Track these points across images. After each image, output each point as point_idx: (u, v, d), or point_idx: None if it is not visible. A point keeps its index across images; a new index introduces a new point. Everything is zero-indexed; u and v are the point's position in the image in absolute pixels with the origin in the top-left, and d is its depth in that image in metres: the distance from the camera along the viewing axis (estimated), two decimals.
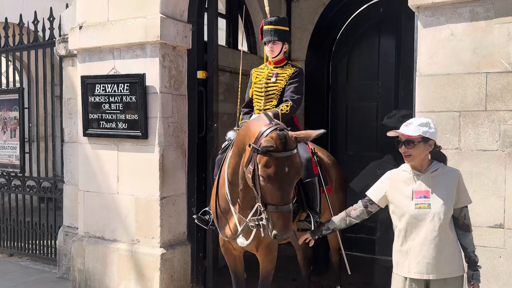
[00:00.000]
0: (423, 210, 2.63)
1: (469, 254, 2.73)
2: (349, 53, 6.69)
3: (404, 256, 2.70)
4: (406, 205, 2.68)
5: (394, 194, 2.76)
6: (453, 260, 2.66)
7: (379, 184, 2.88)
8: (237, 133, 3.51)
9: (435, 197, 2.63)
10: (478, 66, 3.22)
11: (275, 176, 2.75)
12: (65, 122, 5.60)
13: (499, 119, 3.17)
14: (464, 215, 2.72)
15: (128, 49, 4.67)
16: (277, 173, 2.74)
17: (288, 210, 2.80)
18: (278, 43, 3.92)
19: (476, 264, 2.74)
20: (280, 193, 2.78)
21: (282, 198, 2.78)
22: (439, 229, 2.62)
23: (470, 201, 2.74)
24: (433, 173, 2.68)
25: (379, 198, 2.86)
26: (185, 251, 4.81)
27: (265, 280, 3.54)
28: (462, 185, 2.71)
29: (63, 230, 5.66)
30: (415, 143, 2.65)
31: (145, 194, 4.63)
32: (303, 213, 3.71)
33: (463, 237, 2.72)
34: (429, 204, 2.62)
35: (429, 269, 2.63)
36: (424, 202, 2.63)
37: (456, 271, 2.67)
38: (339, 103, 6.79)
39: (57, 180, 5.91)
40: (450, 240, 2.67)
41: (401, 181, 2.74)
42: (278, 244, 3.65)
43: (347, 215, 3.01)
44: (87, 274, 4.98)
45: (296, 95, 3.87)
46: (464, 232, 2.72)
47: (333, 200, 4.25)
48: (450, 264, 2.65)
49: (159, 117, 4.54)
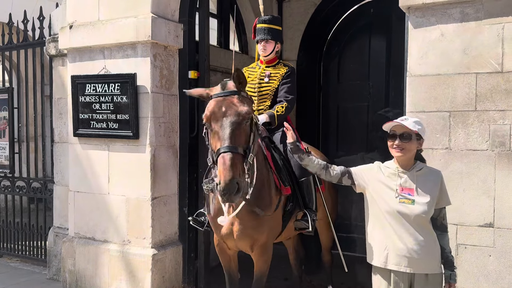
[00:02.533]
0: (406, 205, 2.65)
1: (446, 254, 2.76)
2: (340, 54, 6.72)
3: (383, 248, 2.72)
4: (389, 198, 2.70)
5: (377, 184, 2.77)
6: (433, 258, 2.70)
7: (366, 168, 2.88)
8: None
9: (419, 194, 2.66)
10: (468, 67, 3.25)
11: (211, 113, 2.83)
12: (55, 122, 5.56)
13: (488, 119, 3.20)
14: (443, 215, 2.77)
15: (119, 48, 4.65)
16: (214, 111, 2.83)
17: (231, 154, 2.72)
18: (271, 42, 3.93)
19: (453, 264, 2.78)
20: (222, 134, 2.78)
21: (224, 137, 2.77)
22: (421, 225, 2.65)
23: (450, 202, 2.79)
24: (418, 172, 2.71)
25: (360, 179, 2.86)
26: (176, 251, 4.79)
27: (259, 281, 3.54)
28: (444, 186, 2.75)
29: (53, 231, 5.62)
30: (411, 138, 2.67)
31: (136, 194, 4.61)
32: (300, 212, 3.72)
33: (441, 237, 2.75)
34: (413, 201, 2.65)
35: (409, 262, 2.66)
36: (408, 198, 2.66)
37: (436, 268, 2.71)
38: (330, 103, 6.82)
39: (47, 180, 5.87)
40: (431, 238, 2.70)
41: (386, 175, 2.76)
42: (272, 244, 3.66)
43: (326, 167, 2.98)
44: (78, 275, 4.95)
45: (290, 96, 3.89)
46: (442, 232, 2.76)
47: (327, 199, 4.27)
48: (430, 260, 2.68)
49: (150, 117, 4.52)
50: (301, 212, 3.76)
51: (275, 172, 3.56)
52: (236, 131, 2.82)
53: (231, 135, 2.79)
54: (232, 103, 2.87)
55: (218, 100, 2.89)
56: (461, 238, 3.29)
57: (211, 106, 2.89)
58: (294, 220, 3.75)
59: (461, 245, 3.29)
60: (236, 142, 2.80)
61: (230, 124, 2.81)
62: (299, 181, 3.77)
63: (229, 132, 2.79)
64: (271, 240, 3.58)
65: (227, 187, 2.67)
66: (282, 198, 3.60)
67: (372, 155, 6.33)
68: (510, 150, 3.15)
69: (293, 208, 3.73)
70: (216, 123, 2.84)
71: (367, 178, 2.83)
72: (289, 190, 3.62)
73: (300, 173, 3.79)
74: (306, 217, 3.70)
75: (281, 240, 4.08)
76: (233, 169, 2.70)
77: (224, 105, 2.85)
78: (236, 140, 2.80)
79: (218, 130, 2.82)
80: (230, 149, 2.74)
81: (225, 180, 2.67)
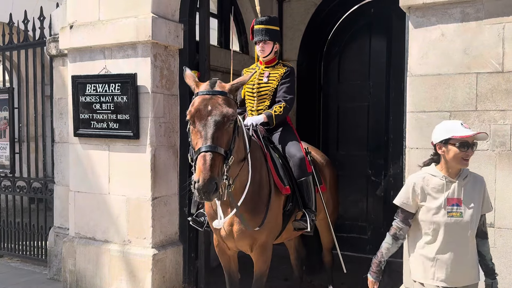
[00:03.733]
0: (455, 218, 2.53)
1: (487, 262, 2.67)
2: (341, 54, 6.72)
3: (430, 264, 2.58)
4: (437, 213, 2.55)
5: (425, 200, 2.61)
6: (474, 267, 2.61)
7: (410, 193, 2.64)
8: None
9: (467, 205, 2.54)
10: (469, 67, 3.25)
11: (196, 110, 2.83)
12: (56, 122, 5.56)
13: (489, 119, 3.20)
14: (483, 222, 2.66)
15: (119, 48, 4.65)
16: (198, 108, 2.83)
17: (212, 154, 2.72)
18: (269, 42, 3.93)
19: (494, 272, 2.69)
20: (204, 133, 2.78)
21: (205, 136, 2.77)
22: (469, 238, 2.56)
23: (491, 208, 2.69)
24: (464, 180, 2.59)
25: (415, 208, 2.65)
26: (177, 251, 4.79)
27: (259, 281, 3.54)
28: (487, 193, 2.64)
29: (53, 231, 5.62)
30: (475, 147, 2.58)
31: (137, 194, 4.61)
32: (299, 212, 3.72)
33: (482, 244, 2.65)
34: (461, 213, 2.53)
35: (455, 277, 2.55)
36: (456, 211, 2.53)
37: (475, 278, 2.62)
38: (330, 103, 6.82)
39: (47, 180, 5.87)
40: (474, 248, 2.62)
41: (432, 186, 2.60)
42: (272, 244, 3.66)
43: (396, 238, 2.71)
44: (78, 275, 4.95)
45: (288, 95, 3.88)
46: (482, 239, 2.66)
47: (328, 199, 4.28)
48: (473, 271, 2.60)
49: (150, 117, 4.52)
50: (301, 212, 3.76)
51: (274, 171, 3.57)
52: (219, 131, 2.82)
53: (213, 135, 2.79)
54: (218, 103, 2.87)
55: (205, 98, 2.89)
56: None
57: (196, 103, 2.89)
58: (293, 220, 3.75)
59: None
60: (218, 143, 2.80)
61: (213, 124, 2.80)
62: (298, 181, 3.78)
63: (212, 131, 2.79)
64: (271, 240, 3.58)
65: (206, 186, 2.67)
66: (282, 197, 3.61)
67: (371, 155, 6.35)
68: (511, 150, 3.15)
69: (293, 208, 3.73)
70: (199, 121, 2.83)
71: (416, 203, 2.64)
72: (288, 190, 3.63)
73: (299, 173, 3.79)
74: (305, 217, 3.71)
75: (282, 241, 4.08)
76: (212, 169, 2.71)
77: (210, 104, 2.84)
78: (218, 140, 2.80)
79: (201, 128, 2.82)
80: (211, 149, 2.74)
81: (204, 179, 2.68)
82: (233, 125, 2.93)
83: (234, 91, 3.02)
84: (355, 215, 6.48)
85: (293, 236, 4.16)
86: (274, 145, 3.87)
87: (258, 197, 3.35)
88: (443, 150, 2.59)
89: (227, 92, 2.96)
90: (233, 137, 2.93)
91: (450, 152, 2.55)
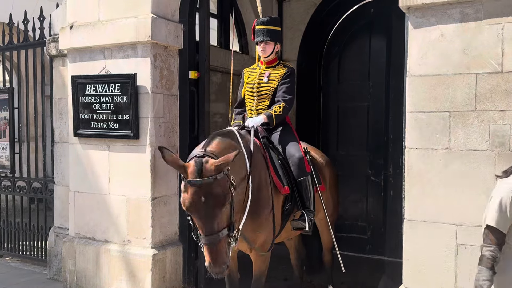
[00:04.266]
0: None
1: None
2: (341, 54, 6.72)
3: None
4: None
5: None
6: None
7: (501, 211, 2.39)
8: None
9: None
10: (468, 67, 3.25)
11: (190, 204, 2.71)
12: (56, 122, 5.57)
13: (488, 119, 3.20)
14: None
15: (119, 49, 4.65)
16: (192, 201, 2.69)
17: (214, 241, 2.71)
18: (270, 43, 3.94)
19: None
20: (202, 223, 2.73)
21: (205, 228, 2.72)
22: None
23: None
24: None
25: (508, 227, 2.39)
26: (176, 251, 4.80)
27: (258, 281, 3.55)
28: None
29: (53, 231, 5.63)
30: None
31: (137, 194, 4.61)
32: (298, 211, 3.73)
33: None
34: None
35: None
36: None
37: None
38: (330, 103, 6.83)
39: (47, 180, 5.87)
40: None
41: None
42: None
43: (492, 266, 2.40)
44: (78, 275, 4.95)
45: (288, 96, 3.89)
46: None
47: (327, 199, 4.29)
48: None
49: (150, 117, 4.52)
50: (299, 212, 3.77)
51: (273, 171, 3.58)
52: (217, 217, 2.75)
53: (213, 225, 2.73)
54: (210, 192, 2.70)
55: (195, 189, 2.70)
56: (461, 238, 3.29)
57: (188, 194, 2.72)
58: (292, 219, 3.76)
59: (461, 245, 3.29)
60: (219, 227, 2.75)
61: (211, 216, 2.72)
62: (297, 180, 3.79)
63: (212, 223, 2.72)
64: (270, 240, 3.58)
65: (218, 271, 2.75)
66: (281, 197, 3.61)
67: (371, 155, 6.36)
68: (510, 150, 3.15)
69: (292, 208, 3.74)
70: (196, 214, 2.75)
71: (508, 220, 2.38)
72: (287, 189, 3.63)
73: (298, 172, 3.80)
74: (303, 217, 3.72)
75: (281, 240, 4.09)
76: (219, 259, 2.73)
77: (203, 195, 2.68)
78: (219, 226, 2.75)
79: (199, 221, 2.76)
80: (214, 240, 2.72)
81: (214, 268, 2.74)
82: (230, 201, 2.84)
83: (224, 167, 2.80)
84: (355, 215, 6.48)
85: (292, 235, 4.16)
86: (273, 145, 3.88)
87: (257, 197, 3.36)
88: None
89: (215, 173, 2.74)
90: (231, 208, 2.87)
91: None
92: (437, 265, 3.35)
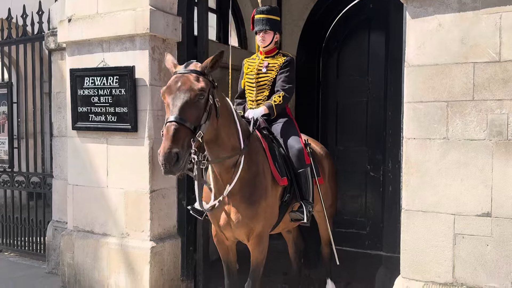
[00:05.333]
0: None
1: None
2: (340, 49, 6.73)
3: None
4: None
5: None
6: None
7: None
8: None
9: None
10: (466, 56, 3.24)
11: (167, 87, 2.93)
12: (54, 116, 5.56)
13: (486, 108, 3.19)
14: None
15: (117, 41, 4.64)
16: (169, 84, 2.94)
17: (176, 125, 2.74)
18: (269, 32, 3.93)
19: None
20: (172, 106, 2.83)
21: (172, 109, 2.81)
22: None
23: None
24: None
25: None
26: (175, 244, 4.79)
27: (256, 271, 3.55)
28: None
29: (52, 225, 5.63)
30: None
31: (135, 187, 4.61)
32: (296, 203, 3.73)
33: None
34: None
35: None
36: None
37: None
38: (329, 99, 6.83)
39: (46, 175, 5.87)
40: None
41: None
42: (268, 234, 3.66)
43: None
44: (77, 268, 4.95)
45: (287, 85, 3.89)
46: None
47: (326, 191, 4.28)
48: None
49: (148, 110, 4.52)
50: (298, 203, 3.76)
51: (272, 162, 3.57)
52: (186, 105, 2.84)
53: (180, 108, 2.82)
54: (188, 79, 2.93)
55: (177, 76, 2.98)
56: (458, 228, 3.28)
57: (169, 82, 2.98)
58: (290, 211, 3.75)
59: (459, 235, 3.28)
60: (185, 116, 2.82)
61: (181, 98, 2.85)
62: (297, 172, 3.78)
63: (179, 105, 2.83)
64: (267, 229, 3.58)
65: (165, 156, 2.69)
66: (279, 188, 3.61)
67: (370, 150, 6.36)
68: (508, 140, 3.15)
69: (290, 199, 3.74)
70: (169, 96, 2.90)
71: None
72: (285, 181, 3.63)
73: (299, 164, 3.80)
74: (301, 208, 3.71)
75: (279, 231, 4.08)
76: (174, 140, 2.72)
77: (181, 81, 2.91)
78: (185, 114, 2.82)
79: (170, 102, 2.88)
80: (176, 120, 2.77)
81: (164, 149, 2.70)
82: (204, 101, 2.95)
83: (209, 70, 3.05)
84: (354, 210, 6.48)
85: (290, 227, 4.16)
86: (273, 136, 3.87)
87: (254, 187, 3.36)
88: None
89: (200, 70, 3.01)
90: (204, 113, 2.94)
91: None
92: (435, 255, 3.34)
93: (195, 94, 2.89)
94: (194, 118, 2.87)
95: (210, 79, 3.07)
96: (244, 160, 3.34)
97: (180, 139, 2.75)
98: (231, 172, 3.31)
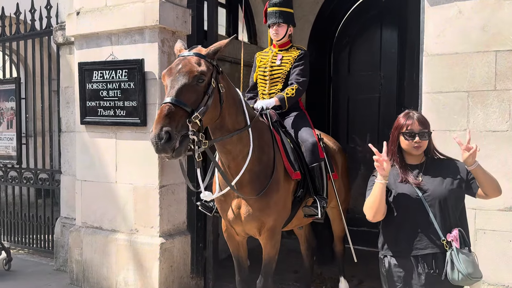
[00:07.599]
0: None
1: None
2: (351, 44, 6.62)
3: None
4: None
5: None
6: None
7: None
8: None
9: None
10: (487, 45, 3.14)
11: (167, 69, 2.86)
12: (63, 111, 5.50)
13: (509, 98, 3.08)
14: None
15: (126, 34, 4.57)
16: (170, 67, 2.87)
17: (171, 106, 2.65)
18: (283, 25, 3.84)
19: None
20: (170, 87, 2.76)
21: (170, 91, 2.74)
22: None
23: None
24: None
25: None
26: (184, 241, 4.70)
27: (268, 266, 3.44)
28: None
29: (60, 222, 5.56)
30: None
31: (144, 182, 4.53)
32: (310, 198, 3.62)
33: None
34: None
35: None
36: None
37: None
38: (340, 95, 6.72)
39: (54, 171, 5.81)
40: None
41: None
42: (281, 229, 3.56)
43: None
44: (85, 265, 4.87)
45: (301, 78, 3.80)
46: None
47: (339, 186, 4.18)
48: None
49: (158, 104, 4.42)
50: (311, 198, 3.66)
51: (285, 156, 3.47)
52: (184, 87, 2.75)
53: (178, 90, 2.73)
54: (190, 62, 2.84)
55: (180, 58, 2.91)
56: (479, 223, 3.17)
57: (171, 64, 2.91)
58: (303, 206, 3.65)
59: (480, 230, 3.17)
60: (182, 98, 2.72)
61: (179, 80, 2.76)
62: (310, 167, 3.67)
63: (176, 87, 2.74)
64: (279, 224, 3.47)
65: (155, 134, 2.58)
66: (292, 182, 3.50)
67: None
68: None
69: (304, 194, 3.63)
70: (168, 78, 2.82)
71: None
72: (298, 175, 3.52)
73: (311, 158, 3.69)
74: (315, 204, 3.60)
75: (292, 227, 3.97)
76: (166, 119, 2.61)
77: (182, 63, 2.83)
78: (183, 96, 2.73)
79: (168, 84, 2.80)
80: (171, 101, 2.68)
81: (155, 128, 2.61)
82: (204, 85, 2.84)
83: (212, 55, 2.95)
84: None
85: (303, 223, 4.05)
86: (286, 130, 3.77)
87: (265, 178, 3.25)
88: None
89: (204, 55, 2.92)
90: (204, 97, 2.83)
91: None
92: None
93: (194, 76, 2.79)
94: (191, 101, 2.77)
95: (214, 63, 2.97)
96: (255, 151, 3.23)
97: (173, 120, 2.64)
98: (240, 163, 3.19)
